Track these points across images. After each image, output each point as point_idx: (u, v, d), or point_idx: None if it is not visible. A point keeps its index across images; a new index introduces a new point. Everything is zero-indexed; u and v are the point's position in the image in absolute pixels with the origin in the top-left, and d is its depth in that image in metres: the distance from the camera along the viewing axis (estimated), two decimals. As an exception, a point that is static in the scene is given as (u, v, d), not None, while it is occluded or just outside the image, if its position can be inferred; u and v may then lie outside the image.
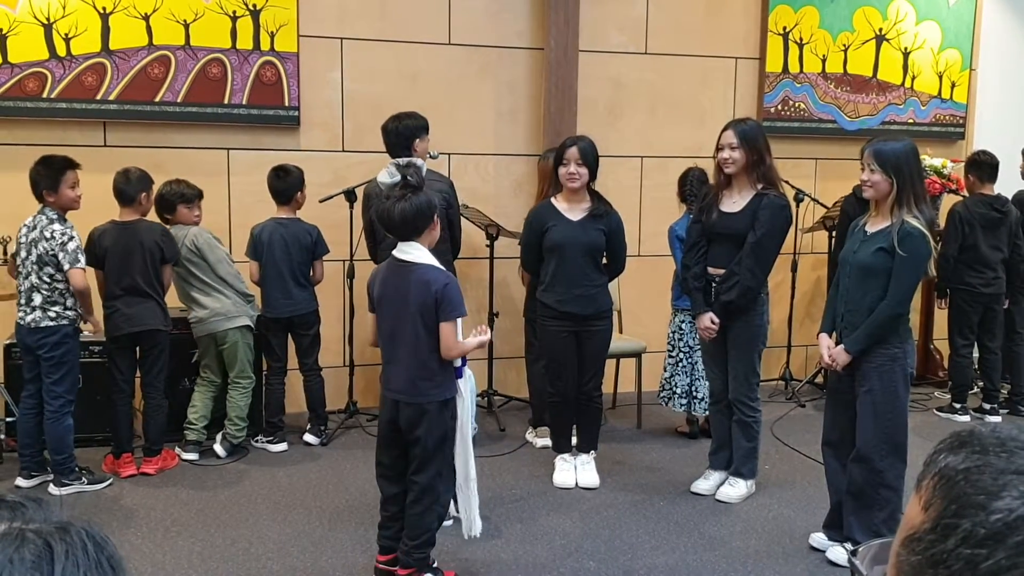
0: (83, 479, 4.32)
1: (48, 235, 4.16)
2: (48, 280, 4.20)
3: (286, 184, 4.95)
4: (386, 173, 4.72)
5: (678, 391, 5.19)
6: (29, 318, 4.21)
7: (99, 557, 0.72)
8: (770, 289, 4.46)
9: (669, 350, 5.27)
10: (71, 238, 4.18)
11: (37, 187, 4.23)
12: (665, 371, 5.32)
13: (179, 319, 4.89)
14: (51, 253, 4.16)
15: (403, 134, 4.69)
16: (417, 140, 4.72)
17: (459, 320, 3.26)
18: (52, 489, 4.26)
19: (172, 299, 4.81)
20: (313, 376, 5.10)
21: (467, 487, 3.44)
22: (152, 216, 4.70)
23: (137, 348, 4.60)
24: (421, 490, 3.31)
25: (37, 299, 4.21)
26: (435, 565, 3.44)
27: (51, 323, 4.20)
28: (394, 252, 3.32)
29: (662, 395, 5.34)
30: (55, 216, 4.21)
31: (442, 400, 3.29)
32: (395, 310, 3.29)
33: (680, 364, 5.18)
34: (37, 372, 4.28)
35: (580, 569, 3.65)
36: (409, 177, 3.28)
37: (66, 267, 4.15)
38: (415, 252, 3.26)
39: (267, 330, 5.00)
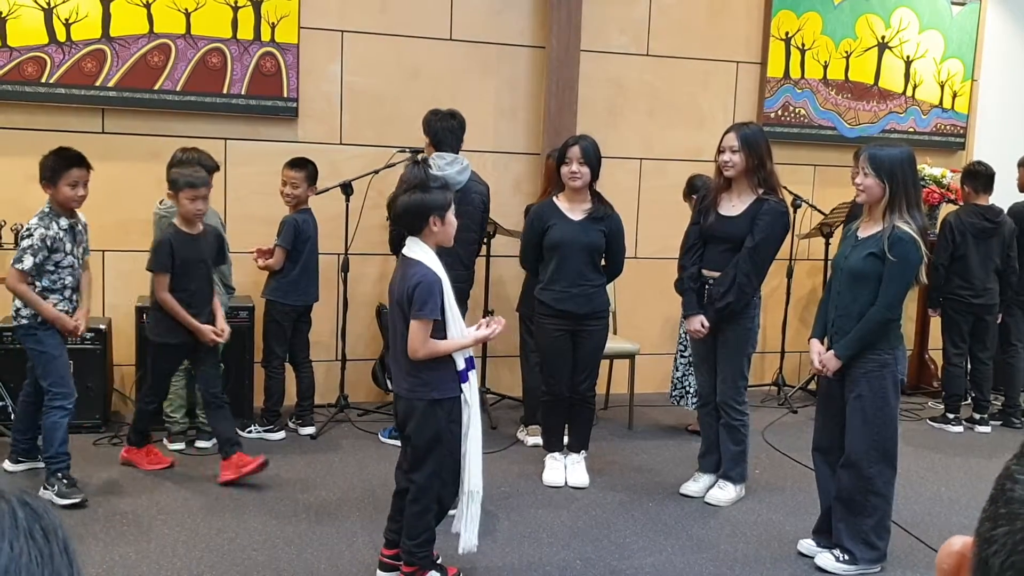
0: (54, 487, 4.02)
1: (23, 227, 4.11)
2: None
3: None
4: (433, 165, 4.70)
5: (691, 390, 5.19)
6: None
7: (31, 526, 0.69)
8: (765, 295, 4.46)
9: (681, 350, 5.27)
10: (30, 234, 4.00)
11: (40, 177, 4.08)
12: (677, 370, 5.35)
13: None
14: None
15: (458, 131, 4.80)
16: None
17: (435, 321, 3.19)
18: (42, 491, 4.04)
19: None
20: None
21: (470, 500, 3.33)
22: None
23: None
24: (418, 489, 3.29)
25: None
26: (439, 561, 3.42)
27: (12, 323, 4.19)
28: (403, 249, 3.30)
29: (674, 394, 5.39)
30: (45, 210, 4.06)
31: (431, 399, 3.25)
32: (391, 304, 3.34)
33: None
34: None
35: (567, 568, 3.63)
36: (420, 173, 3.29)
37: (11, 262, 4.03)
38: (414, 248, 3.26)
39: (273, 319, 5.02)
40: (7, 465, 4.37)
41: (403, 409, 3.31)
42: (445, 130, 4.77)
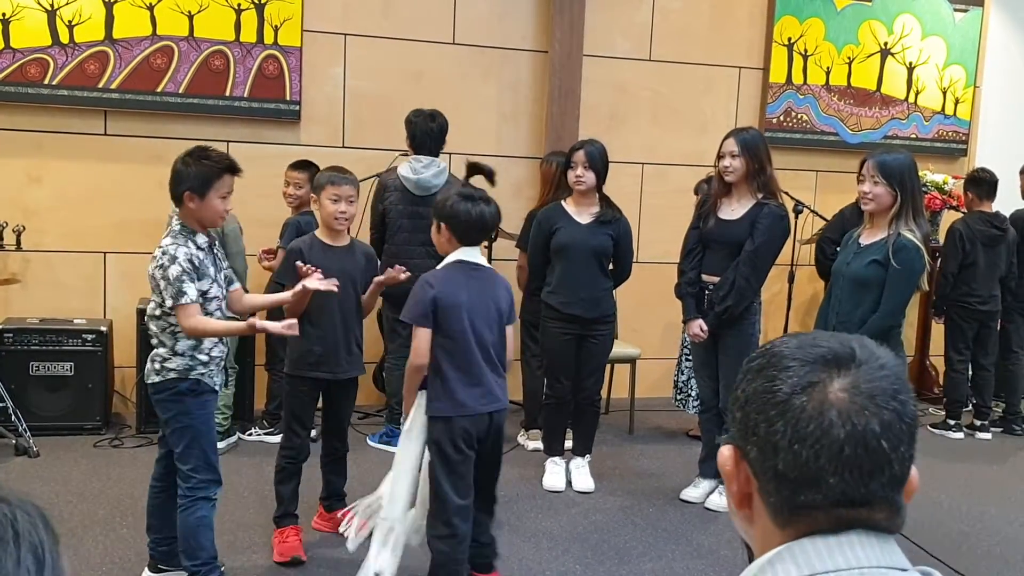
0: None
1: (158, 258, 3.04)
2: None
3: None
4: (408, 168, 4.74)
5: (694, 394, 5.19)
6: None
7: (30, 534, 0.70)
8: (766, 300, 4.45)
9: (686, 354, 5.26)
10: (173, 258, 2.99)
11: (179, 187, 3.10)
12: (682, 374, 5.33)
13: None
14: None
15: (437, 134, 4.78)
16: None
17: None
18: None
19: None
20: None
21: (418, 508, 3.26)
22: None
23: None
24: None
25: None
26: None
27: (151, 379, 3.13)
28: (464, 258, 3.19)
29: (679, 398, 5.38)
30: (175, 229, 3.08)
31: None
32: (483, 317, 3.17)
33: None
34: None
35: (567, 572, 3.63)
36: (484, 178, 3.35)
37: (168, 302, 3.01)
38: (478, 255, 3.24)
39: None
40: None
41: (499, 421, 3.29)
42: (425, 133, 4.76)
